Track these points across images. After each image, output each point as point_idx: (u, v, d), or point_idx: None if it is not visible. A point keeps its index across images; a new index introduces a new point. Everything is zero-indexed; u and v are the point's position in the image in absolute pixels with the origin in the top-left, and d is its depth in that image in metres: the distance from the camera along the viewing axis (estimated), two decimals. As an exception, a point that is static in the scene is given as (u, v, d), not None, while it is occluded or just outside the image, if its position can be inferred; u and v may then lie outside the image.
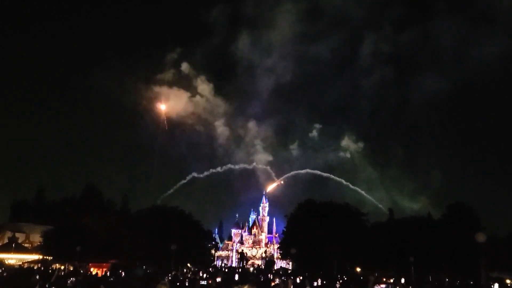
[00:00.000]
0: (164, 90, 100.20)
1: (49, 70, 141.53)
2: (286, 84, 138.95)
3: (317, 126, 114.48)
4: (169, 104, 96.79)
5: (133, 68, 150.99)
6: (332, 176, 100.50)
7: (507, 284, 25.50)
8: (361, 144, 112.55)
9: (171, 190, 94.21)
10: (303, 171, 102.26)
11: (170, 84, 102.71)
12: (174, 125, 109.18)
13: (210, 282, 16.02)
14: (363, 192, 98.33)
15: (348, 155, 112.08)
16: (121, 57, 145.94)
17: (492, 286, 21.07)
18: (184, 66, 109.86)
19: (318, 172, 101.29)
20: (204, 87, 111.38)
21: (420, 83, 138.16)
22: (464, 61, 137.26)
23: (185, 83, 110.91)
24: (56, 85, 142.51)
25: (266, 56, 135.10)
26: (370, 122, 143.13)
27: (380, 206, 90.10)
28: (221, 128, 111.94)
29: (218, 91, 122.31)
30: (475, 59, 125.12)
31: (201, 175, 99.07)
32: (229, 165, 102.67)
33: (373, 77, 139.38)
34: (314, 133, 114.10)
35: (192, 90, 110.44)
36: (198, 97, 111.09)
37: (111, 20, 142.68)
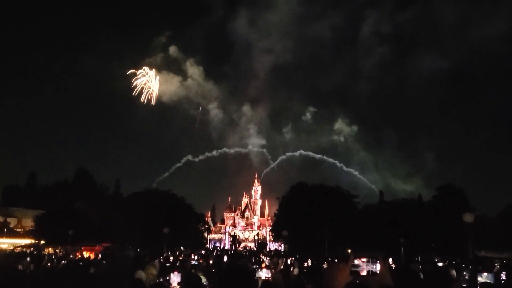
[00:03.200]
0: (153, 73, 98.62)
1: (35, 55, 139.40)
2: (282, 66, 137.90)
3: (311, 109, 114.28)
4: (160, 88, 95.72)
5: (120, 53, 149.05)
6: (325, 157, 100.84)
7: (494, 263, 26.00)
8: (355, 128, 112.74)
9: (167, 174, 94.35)
10: (296, 153, 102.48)
11: (159, 68, 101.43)
12: (167, 108, 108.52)
13: (201, 261, 16.16)
14: (356, 173, 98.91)
15: (342, 138, 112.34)
16: (107, 41, 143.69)
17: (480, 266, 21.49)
18: (173, 50, 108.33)
19: (311, 154, 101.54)
20: (194, 70, 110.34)
21: (419, 63, 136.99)
22: (465, 39, 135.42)
23: (174, 67, 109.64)
24: (44, 70, 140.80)
25: (263, 36, 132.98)
26: (365, 105, 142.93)
27: (374, 188, 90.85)
28: (214, 111, 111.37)
29: (210, 74, 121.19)
30: (477, 37, 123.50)
31: (196, 159, 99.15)
32: (225, 149, 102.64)
33: (372, 57, 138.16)
34: (308, 116, 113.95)
35: (182, 74, 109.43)
36: (189, 81, 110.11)
37: (97, 3, 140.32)
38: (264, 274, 6.98)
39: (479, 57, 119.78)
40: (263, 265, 13.62)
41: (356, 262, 3.21)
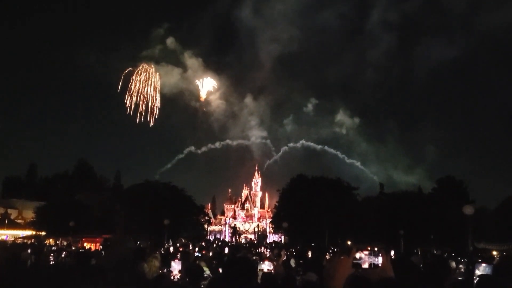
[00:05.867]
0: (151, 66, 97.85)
1: (34, 49, 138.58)
2: (286, 56, 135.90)
3: (313, 100, 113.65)
4: (161, 80, 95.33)
5: (118, 45, 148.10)
6: (326, 148, 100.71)
7: (493, 255, 26.19)
8: (356, 120, 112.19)
9: (169, 165, 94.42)
10: (298, 144, 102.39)
11: (158, 61, 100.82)
12: (168, 100, 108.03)
13: (204, 252, 16.30)
14: (358, 164, 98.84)
15: (343, 131, 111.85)
16: (105, 34, 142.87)
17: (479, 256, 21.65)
18: (170, 41, 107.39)
19: (313, 145, 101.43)
20: (193, 62, 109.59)
21: (426, 52, 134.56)
22: (473, 28, 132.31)
23: (174, 59, 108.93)
24: (44, 63, 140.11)
25: (268, 25, 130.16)
26: (368, 97, 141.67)
27: (376, 179, 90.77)
28: (216, 103, 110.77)
29: (211, 65, 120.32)
30: (485, 26, 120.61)
31: (199, 151, 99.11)
32: (227, 141, 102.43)
33: (378, 47, 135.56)
34: (310, 107, 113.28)
35: (182, 65, 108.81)
36: (190, 72, 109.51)
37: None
38: (266, 266, 7.03)
39: (487, 47, 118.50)
40: (265, 257, 13.73)
41: (358, 255, 3.23)
